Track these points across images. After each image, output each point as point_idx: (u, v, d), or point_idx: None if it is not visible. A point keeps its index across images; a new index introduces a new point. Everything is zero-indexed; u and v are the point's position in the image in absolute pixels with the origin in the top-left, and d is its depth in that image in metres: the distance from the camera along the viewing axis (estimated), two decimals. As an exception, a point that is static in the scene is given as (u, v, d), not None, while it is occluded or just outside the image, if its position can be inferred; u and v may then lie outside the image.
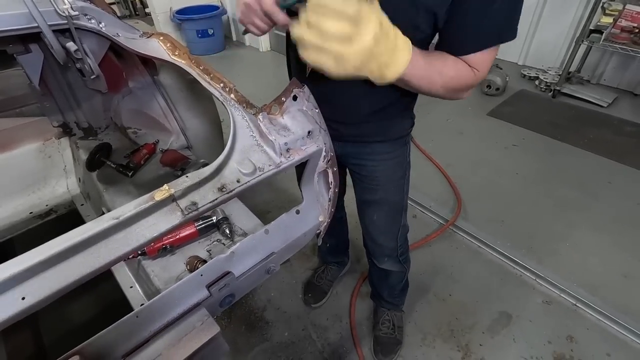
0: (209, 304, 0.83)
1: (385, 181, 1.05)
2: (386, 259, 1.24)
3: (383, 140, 0.99)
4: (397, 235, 1.17)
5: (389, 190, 1.07)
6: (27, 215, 1.36)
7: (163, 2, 4.32)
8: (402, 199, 1.11)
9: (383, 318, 1.51)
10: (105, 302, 1.58)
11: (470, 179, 2.33)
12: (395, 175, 1.06)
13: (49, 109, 1.32)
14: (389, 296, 1.45)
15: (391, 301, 1.48)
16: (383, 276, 1.35)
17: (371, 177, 1.05)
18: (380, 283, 1.42)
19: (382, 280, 1.40)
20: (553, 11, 3.30)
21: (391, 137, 0.99)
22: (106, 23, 0.92)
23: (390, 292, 1.43)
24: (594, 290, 1.64)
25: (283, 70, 1.08)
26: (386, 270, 1.28)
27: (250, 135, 0.79)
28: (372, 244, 1.24)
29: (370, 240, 1.23)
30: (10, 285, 0.54)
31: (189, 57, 0.94)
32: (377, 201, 1.10)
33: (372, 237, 1.20)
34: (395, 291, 1.43)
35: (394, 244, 1.19)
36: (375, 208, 1.12)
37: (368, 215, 1.15)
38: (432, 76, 0.71)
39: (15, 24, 0.78)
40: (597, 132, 2.72)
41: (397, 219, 1.15)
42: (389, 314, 1.51)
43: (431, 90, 0.74)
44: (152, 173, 1.33)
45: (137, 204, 0.63)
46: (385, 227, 1.16)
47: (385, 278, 1.36)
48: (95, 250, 0.59)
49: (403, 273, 1.34)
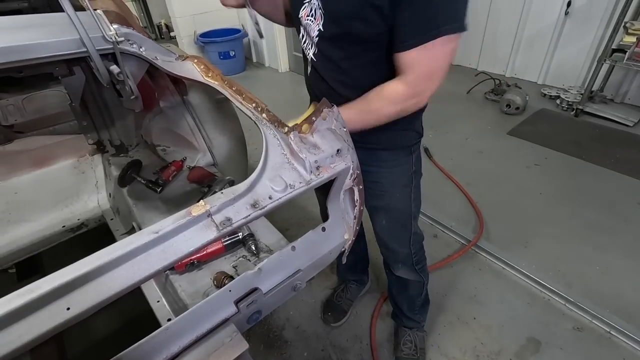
0: (237, 320, 0.83)
1: (390, 187, 1.09)
2: (400, 265, 1.26)
3: (387, 148, 1.04)
4: (409, 242, 1.19)
5: (395, 196, 1.11)
6: (60, 229, 1.42)
7: (188, 26, 4.53)
8: (410, 206, 1.14)
9: (405, 339, 1.47)
10: (128, 317, 1.60)
11: (492, 199, 2.29)
12: (399, 182, 1.09)
13: (86, 127, 1.39)
14: (409, 311, 1.43)
15: (411, 317, 1.45)
16: (401, 287, 1.36)
17: (377, 182, 1.08)
18: (400, 295, 1.42)
19: (400, 292, 1.40)
20: (573, 30, 3.30)
21: (395, 147, 1.04)
22: (146, 47, 0.98)
23: (410, 305, 1.42)
24: (628, 317, 1.56)
25: (301, 90, 1.13)
26: (403, 279, 1.29)
27: (282, 153, 0.81)
28: (385, 250, 1.26)
29: (383, 246, 1.25)
30: (57, 296, 0.56)
31: (222, 79, 0.98)
32: (384, 207, 1.13)
33: (384, 243, 1.23)
34: (415, 306, 1.42)
35: (407, 251, 1.21)
36: (384, 214, 1.15)
37: (378, 220, 1.18)
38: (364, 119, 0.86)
39: (67, 49, 0.84)
40: (623, 152, 2.64)
41: (407, 226, 1.17)
42: (410, 334, 1.48)
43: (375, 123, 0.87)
44: (180, 189, 1.37)
45: (175, 219, 0.65)
46: (395, 233, 1.18)
47: (404, 289, 1.36)
48: (136, 263, 0.61)
49: (421, 283, 1.34)
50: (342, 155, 0.87)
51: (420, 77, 0.78)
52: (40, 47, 0.82)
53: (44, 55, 0.83)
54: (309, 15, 0.86)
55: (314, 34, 0.86)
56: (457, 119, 3.18)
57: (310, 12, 0.85)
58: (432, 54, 0.74)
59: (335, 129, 0.88)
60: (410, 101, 0.83)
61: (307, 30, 0.89)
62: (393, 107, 0.83)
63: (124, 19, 1.01)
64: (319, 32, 0.85)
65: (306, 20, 0.87)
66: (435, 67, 0.76)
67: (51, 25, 0.87)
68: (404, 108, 0.84)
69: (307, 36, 0.90)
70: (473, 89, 3.65)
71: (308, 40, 0.90)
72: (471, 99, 3.59)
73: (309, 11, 0.86)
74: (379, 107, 0.83)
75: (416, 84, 0.79)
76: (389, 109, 0.83)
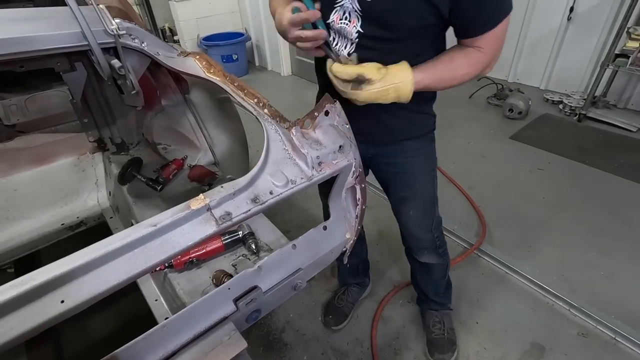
0: (236, 318, 0.82)
1: (418, 175, 1.13)
2: (425, 251, 1.29)
3: (412, 137, 1.07)
4: (431, 226, 1.23)
5: (422, 184, 1.15)
6: (59, 227, 1.41)
7: (191, 29, 4.56)
8: (434, 192, 1.19)
9: (433, 320, 1.51)
10: (126, 317, 1.58)
11: (495, 203, 2.27)
12: (426, 168, 1.13)
13: (87, 124, 1.38)
14: (434, 295, 1.47)
15: (437, 300, 1.49)
16: (426, 272, 1.39)
17: (403, 172, 1.12)
18: (425, 281, 1.45)
19: (425, 278, 1.43)
20: (575, 36, 3.30)
21: (420, 134, 1.08)
22: (148, 43, 0.97)
23: (435, 289, 1.45)
24: (634, 324, 1.53)
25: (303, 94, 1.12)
26: (427, 264, 1.32)
27: (283, 149, 0.81)
28: (411, 239, 1.28)
29: (409, 235, 1.27)
30: (51, 288, 0.55)
31: (224, 75, 0.97)
32: (411, 196, 1.16)
33: (411, 232, 1.25)
34: (440, 289, 1.45)
35: (431, 236, 1.25)
36: (411, 203, 1.17)
37: (405, 211, 1.20)
38: (445, 80, 0.86)
39: (68, 42, 0.83)
40: (627, 157, 2.62)
41: (431, 211, 1.21)
42: (437, 315, 1.51)
43: (452, 86, 0.88)
44: (180, 188, 1.36)
45: (174, 212, 0.64)
46: (422, 220, 1.21)
47: (428, 274, 1.39)
48: (133, 256, 0.60)
49: (444, 265, 1.37)
50: (345, 152, 0.86)
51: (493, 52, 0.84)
52: (42, 40, 0.81)
53: (46, 48, 0.82)
54: (341, 18, 0.86)
55: (352, 35, 0.87)
56: (460, 123, 3.17)
57: (344, 15, 0.86)
58: (498, 33, 0.81)
59: (338, 125, 0.88)
60: (488, 68, 0.88)
61: (341, 33, 0.89)
62: (477, 72, 0.87)
63: (126, 14, 1.00)
64: (359, 32, 0.85)
65: (339, 24, 0.87)
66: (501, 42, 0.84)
67: (53, 19, 0.87)
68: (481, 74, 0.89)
69: (342, 38, 0.89)
70: (475, 94, 3.64)
71: (342, 42, 0.90)
72: (474, 104, 3.58)
73: (342, 14, 0.86)
74: (467, 72, 0.85)
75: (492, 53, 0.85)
76: (473, 75, 0.87)
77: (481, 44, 0.83)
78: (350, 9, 0.84)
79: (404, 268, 1.89)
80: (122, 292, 0.61)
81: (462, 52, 0.85)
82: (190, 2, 4.39)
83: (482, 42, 0.82)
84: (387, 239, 2.07)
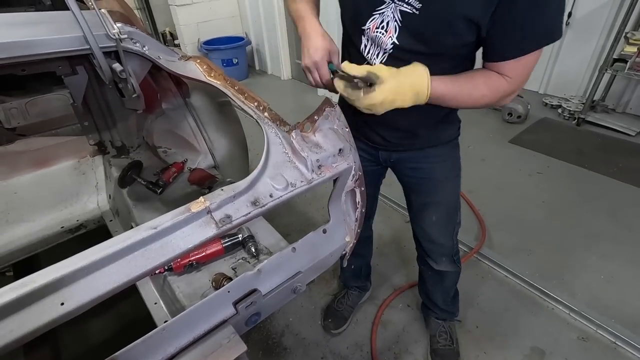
0: (235, 321, 0.82)
1: (443, 181, 1.10)
2: (444, 258, 1.25)
3: (436, 144, 1.05)
4: (452, 233, 1.21)
5: (447, 190, 1.12)
6: (58, 230, 1.41)
7: (192, 34, 4.58)
8: (458, 197, 1.17)
9: (439, 330, 1.49)
10: (124, 321, 1.57)
11: (494, 206, 2.27)
12: (451, 174, 1.11)
13: (88, 127, 1.39)
14: (443, 303, 1.44)
15: (446, 309, 1.46)
16: (438, 280, 1.36)
17: (428, 178, 1.10)
18: (435, 289, 1.42)
19: (437, 286, 1.40)
20: (574, 41, 3.32)
21: (442, 142, 1.06)
22: (149, 47, 0.98)
23: (444, 298, 1.42)
24: (635, 328, 1.53)
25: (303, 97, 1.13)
26: (442, 272, 1.28)
27: (283, 152, 0.81)
28: (431, 245, 1.24)
29: (429, 242, 1.23)
30: (51, 290, 0.55)
31: (225, 78, 0.98)
32: (435, 202, 1.13)
33: (432, 238, 1.21)
34: (449, 297, 1.43)
35: (451, 242, 1.22)
36: (435, 209, 1.15)
37: (427, 217, 1.17)
38: (461, 96, 0.82)
39: (70, 45, 0.84)
40: (626, 161, 2.63)
41: (453, 217, 1.19)
42: (444, 325, 1.49)
43: (467, 105, 0.84)
44: (180, 191, 1.36)
45: (174, 215, 0.64)
46: (444, 226, 1.19)
47: (440, 282, 1.36)
48: (133, 259, 0.60)
49: (457, 273, 1.34)
50: (344, 155, 0.86)
51: (518, 80, 0.80)
52: (44, 44, 0.82)
53: (47, 52, 0.83)
54: (378, 27, 0.83)
55: (386, 46, 0.84)
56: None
57: (381, 24, 0.83)
58: (528, 62, 0.76)
59: (338, 128, 0.88)
60: (509, 97, 0.83)
61: (375, 42, 0.86)
62: (495, 99, 0.82)
63: (128, 19, 1.01)
64: (394, 44, 0.83)
65: (375, 32, 0.84)
66: (529, 72, 0.79)
67: (55, 23, 0.88)
68: (501, 102, 0.85)
69: (375, 47, 0.87)
70: (474, 98, 3.66)
71: (375, 51, 0.87)
72: (473, 108, 3.59)
73: (379, 22, 0.83)
74: (483, 95, 0.81)
75: (516, 83, 0.80)
76: (491, 99, 0.82)
77: (507, 71, 0.78)
78: (391, 18, 0.80)
79: (403, 271, 1.89)
80: (121, 295, 0.61)
81: (485, 74, 0.81)
82: (191, 7, 4.42)
83: (509, 69, 0.77)
84: (388, 242, 2.07)
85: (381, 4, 0.81)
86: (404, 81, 0.75)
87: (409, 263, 1.93)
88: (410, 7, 0.77)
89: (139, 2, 5.04)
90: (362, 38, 0.88)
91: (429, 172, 1.08)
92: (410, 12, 0.77)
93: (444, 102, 0.81)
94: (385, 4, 0.81)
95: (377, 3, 0.82)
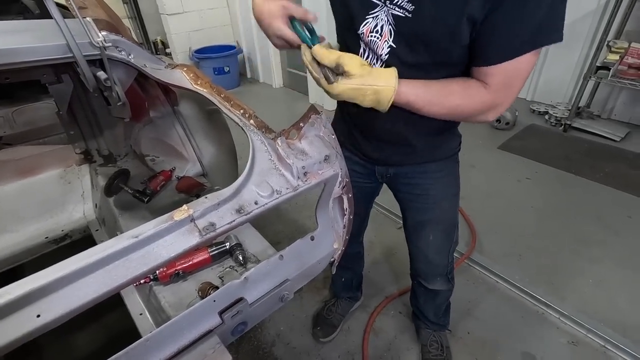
0: (221, 331, 0.80)
1: (441, 199, 1.05)
2: (438, 278, 1.21)
3: (436, 159, 1.01)
4: (448, 252, 1.16)
5: (444, 208, 1.07)
6: (42, 240, 1.38)
7: (183, 42, 4.59)
8: (456, 215, 1.11)
9: (430, 340, 1.48)
10: (111, 333, 1.54)
11: (484, 212, 2.29)
12: (449, 191, 1.06)
13: (73, 136, 1.37)
14: (434, 317, 1.43)
15: (437, 322, 1.45)
16: (430, 298, 1.33)
17: (426, 195, 1.04)
18: (427, 305, 1.40)
19: (429, 302, 1.38)
20: (559, 48, 3.39)
21: (441, 157, 1.01)
22: (135, 55, 0.98)
23: (436, 312, 1.41)
24: (623, 331, 1.54)
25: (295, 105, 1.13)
26: (435, 290, 1.25)
27: (269, 159, 0.81)
28: (425, 266, 1.20)
29: (424, 262, 1.19)
30: (26, 302, 0.53)
31: (211, 86, 0.98)
32: (433, 220, 1.08)
33: (428, 259, 1.16)
34: (440, 312, 1.42)
35: (446, 261, 1.17)
36: (432, 227, 1.09)
37: (423, 236, 1.11)
38: (434, 103, 0.75)
39: (53, 54, 0.83)
40: (612, 166, 2.68)
41: (451, 236, 1.13)
42: (435, 335, 1.48)
43: (441, 114, 0.77)
44: (168, 199, 1.35)
45: (157, 223, 0.63)
46: (441, 245, 1.13)
47: (432, 299, 1.33)
48: (113, 268, 0.59)
49: (450, 291, 1.32)
50: (331, 162, 0.86)
51: (501, 90, 0.72)
52: (26, 51, 0.81)
53: (30, 60, 0.82)
54: (372, 31, 0.78)
55: (382, 51, 0.78)
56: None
57: (375, 27, 0.77)
58: (518, 66, 0.68)
59: (324, 135, 0.88)
60: (491, 112, 0.75)
61: (370, 47, 0.81)
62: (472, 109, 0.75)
63: (114, 27, 1.01)
64: (390, 48, 0.77)
65: (370, 37, 0.79)
66: (516, 82, 0.71)
67: (39, 31, 0.87)
68: (482, 117, 0.76)
69: (371, 52, 0.82)
70: (464, 105, 3.71)
71: (373, 57, 0.82)
72: (462, 115, 3.64)
73: (373, 27, 0.78)
74: (458, 104, 0.74)
75: (498, 94, 0.72)
76: (468, 110, 0.75)
77: (490, 77, 0.70)
78: (385, 21, 0.75)
79: (395, 279, 1.89)
80: (107, 306, 0.59)
81: (464, 81, 0.74)
82: (182, 16, 4.44)
83: (492, 74, 0.70)
84: (378, 250, 2.07)
85: (374, 7, 0.76)
86: (369, 83, 0.70)
87: (400, 270, 1.93)
88: (403, 10, 0.72)
89: (130, 11, 5.05)
90: (360, 43, 0.83)
91: (427, 188, 1.04)
92: (402, 16, 0.72)
93: (415, 109, 0.76)
94: (379, 7, 0.76)
95: (370, 6, 0.77)
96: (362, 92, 0.71)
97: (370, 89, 0.71)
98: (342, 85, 0.71)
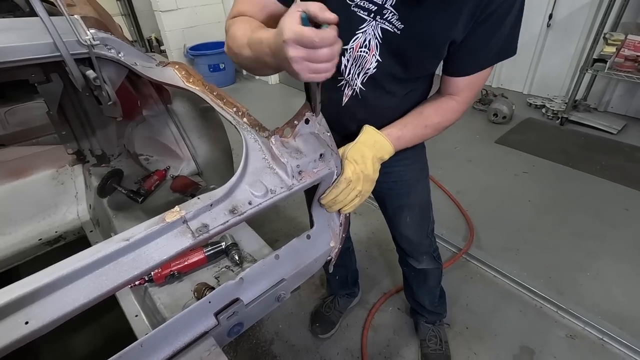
0: (217, 333, 0.79)
1: (414, 182, 1.12)
2: (424, 257, 1.27)
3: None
4: (427, 231, 1.22)
5: (418, 190, 1.14)
6: (36, 242, 1.36)
7: (177, 39, 4.54)
8: (429, 196, 1.19)
9: (429, 335, 1.50)
10: (107, 335, 1.53)
11: (482, 206, 2.28)
12: (421, 174, 1.14)
13: (65, 136, 1.35)
14: (430, 304, 1.44)
15: (433, 310, 1.47)
16: (422, 280, 1.36)
17: (400, 181, 1.10)
18: (420, 290, 1.42)
19: (421, 286, 1.40)
20: (555, 42, 3.38)
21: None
22: (125, 53, 0.96)
23: (431, 298, 1.43)
24: (621, 323, 1.55)
25: (291, 102, 1.12)
26: (424, 270, 1.30)
27: (263, 158, 0.79)
28: (409, 245, 1.26)
29: (406, 242, 1.25)
30: (14, 309, 0.52)
31: (203, 84, 0.96)
32: (409, 204, 1.15)
33: (409, 239, 1.23)
34: (435, 297, 1.44)
35: (428, 241, 1.24)
36: (408, 210, 1.16)
37: (402, 219, 1.18)
38: (419, 134, 0.89)
39: (40, 52, 0.81)
40: (609, 158, 2.68)
41: (428, 216, 1.21)
42: (433, 329, 1.50)
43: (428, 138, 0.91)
44: (162, 199, 1.33)
45: (148, 226, 0.62)
46: (419, 226, 1.20)
47: (424, 281, 1.36)
48: (104, 273, 0.58)
49: (439, 270, 1.36)
50: (326, 160, 0.84)
51: (472, 96, 0.86)
52: (11, 51, 0.79)
53: (16, 59, 0.80)
54: (361, 46, 0.81)
55: (370, 65, 0.82)
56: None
57: (364, 42, 0.80)
58: (483, 76, 0.82)
59: (319, 133, 0.87)
60: (460, 115, 0.89)
61: (358, 62, 0.83)
62: (449, 122, 0.88)
63: (103, 25, 0.99)
64: (378, 62, 0.81)
65: (359, 52, 0.81)
66: (481, 85, 0.85)
67: (26, 29, 0.85)
68: (454, 121, 0.90)
69: (357, 66, 0.84)
70: (461, 99, 3.70)
71: (355, 70, 0.85)
72: (459, 109, 3.63)
73: (362, 41, 0.80)
74: (439, 122, 0.87)
75: (468, 101, 0.87)
76: (446, 123, 0.89)
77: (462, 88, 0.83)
78: (372, 35, 0.78)
79: (393, 274, 1.88)
80: (104, 308, 0.58)
81: (433, 104, 0.87)
82: (176, 12, 4.39)
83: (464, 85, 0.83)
84: (376, 245, 2.06)
85: (362, 22, 0.78)
86: (353, 189, 0.84)
87: (397, 265, 1.92)
88: (392, 26, 0.76)
89: (124, 8, 4.99)
90: (341, 58, 0.84)
91: (399, 175, 1.09)
92: (391, 31, 0.76)
93: (407, 145, 0.89)
94: (367, 22, 0.78)
95: (359, 22, 0.79)
96: (346, 192, 0.85)
97: (355, 191, 0.85)
98: (341, 183, 0.84)
